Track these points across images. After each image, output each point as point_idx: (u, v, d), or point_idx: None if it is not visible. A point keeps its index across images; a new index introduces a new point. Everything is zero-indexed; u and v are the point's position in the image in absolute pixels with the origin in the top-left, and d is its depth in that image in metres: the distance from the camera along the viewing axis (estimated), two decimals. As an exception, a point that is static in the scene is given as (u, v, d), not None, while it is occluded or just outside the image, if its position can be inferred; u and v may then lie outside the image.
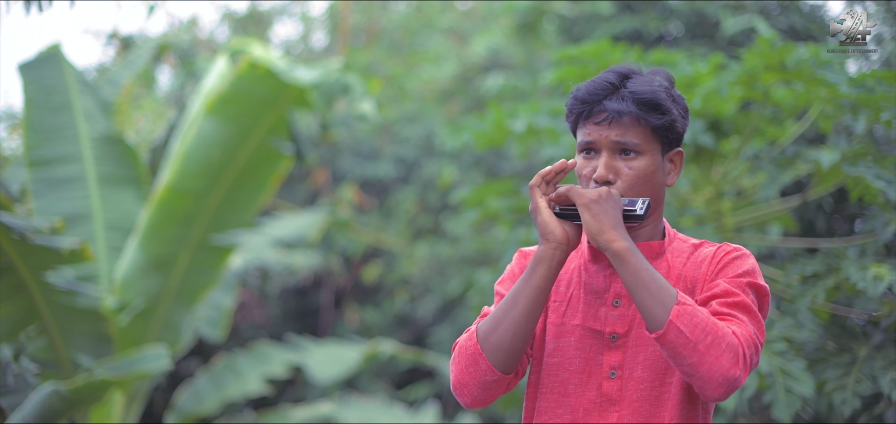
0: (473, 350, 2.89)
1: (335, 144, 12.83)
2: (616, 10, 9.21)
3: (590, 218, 2.81)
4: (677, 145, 2.99)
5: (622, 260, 2.78)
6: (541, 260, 2.86)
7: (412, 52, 14.14)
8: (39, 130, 8.49)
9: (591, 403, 2.95)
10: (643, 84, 2.92)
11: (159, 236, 8.18)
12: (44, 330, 7.25)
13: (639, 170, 2.91)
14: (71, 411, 6.92)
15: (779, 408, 4.78)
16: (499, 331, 2.86)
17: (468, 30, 14.59)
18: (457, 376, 2.92)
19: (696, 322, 2.72)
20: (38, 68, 8.68)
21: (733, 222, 5.75)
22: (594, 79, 2.96)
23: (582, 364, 2.97)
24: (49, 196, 8.36)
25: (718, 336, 2.72)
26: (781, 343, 4.92)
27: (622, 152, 2.91)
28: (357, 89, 7.91)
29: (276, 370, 9.25)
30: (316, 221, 10.31)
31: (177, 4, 18.54)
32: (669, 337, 2.72)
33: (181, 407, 8.94)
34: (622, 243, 2.78)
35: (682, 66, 5.50)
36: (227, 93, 8.18)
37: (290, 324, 12.40)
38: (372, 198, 13.15)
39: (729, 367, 2.72)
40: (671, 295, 2.75)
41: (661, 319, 2.73)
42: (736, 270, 2.91)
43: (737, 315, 2.82)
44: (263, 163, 8.43)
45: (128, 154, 8.70)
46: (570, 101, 2.98)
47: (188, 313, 8.49)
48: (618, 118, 2.89)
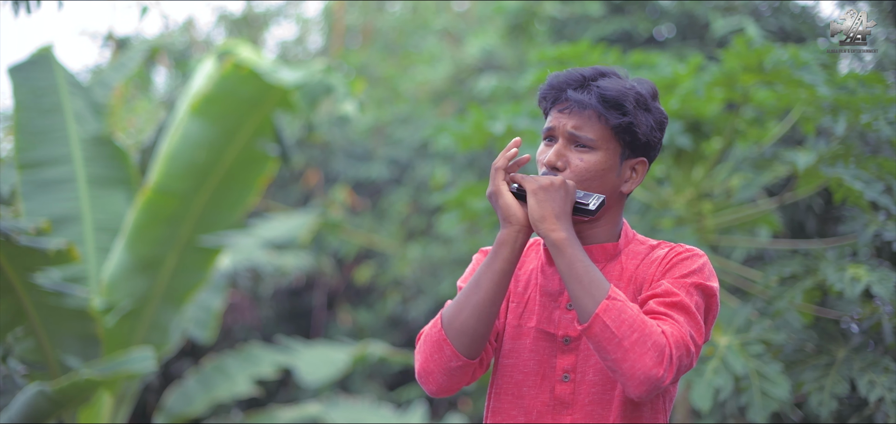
0: (438, 336, 2.89)
1: (328, 145, 12.84)
2: (606, 12, 9.22)
3: (535, 203, 2.81)
4: (642, 154, 2.97)
5: (559, 250, 2.78)
6: (503, 242, 2.86)
7: (406, 53, 14.14)
8: (30, 132, 8.50)
9: (545, 406, 2.95)
10: (613, 84, 2.92)
11: (145, 237, 8.19)
12: (31, 331, 7.25)
13: (589, 163, 2.90)
14: (57, 411, 6.93)
15: (754, 411, 4.79)
16: (463, 315, 2.86)
17: (463, 31, 14.59)
18: (422, 363, 2.92)
19: (624, 318, 2.72)
20: (29, 70, 8.68)
21: (715, 223, 5.75)
22: (570, 70, 2.97)
23: (536, 366, 2.97)
24: (39, 197, 8.37)
25: (645, 334, 2.72)
26: (759, 345, 4.92)
27: (577, 144, 2.91)
28: (340, 90, 7.91)
29: (265, 371, 9.25)
30: (306, 223, 10.31)
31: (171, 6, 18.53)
32: (595, 329, 2.73)
33: (170, 408, 8.95)
34: (561, 233, 2.79)
35: (662, 67, 5.50)
36: (212, 93, 8.18)
37: (283, 326, 12.41)
38: (365, 199, 13.15)
39: (652, 366, 2.71)
40: (603, 289, 2.75)
41: (588, 311, 2.74)
42: (682, 270, 2.90)
43: (672, 314, 2.81)
44: (249, 165, 8.42)
45: (118, 155, 8.71)
46: (543, 86, 2.99)
47: (176, 314, 8.49)
48: (579, 109, 2.89)
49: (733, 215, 5.75)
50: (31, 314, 7.10)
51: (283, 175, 12.97)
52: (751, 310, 5.11)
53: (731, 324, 5.06)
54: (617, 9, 9.20)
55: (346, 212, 12.56)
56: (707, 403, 4.82)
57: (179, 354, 11.01)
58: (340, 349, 9.79)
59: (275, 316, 12.54)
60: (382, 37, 14.89)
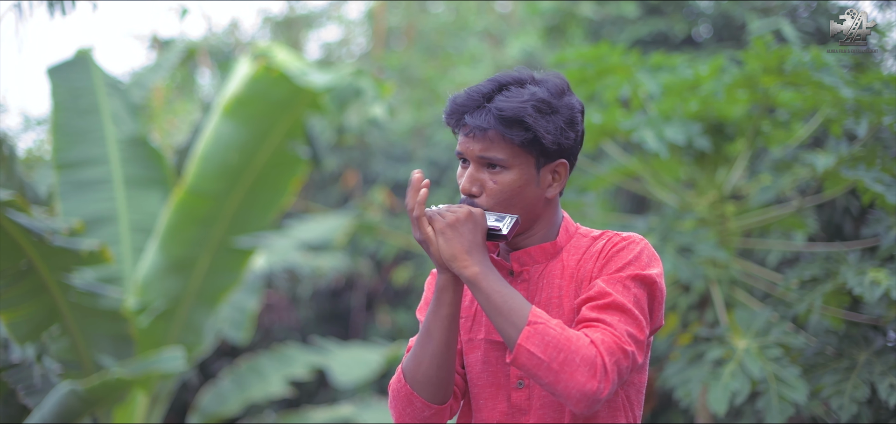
0: (405, 391, 2.89)
1: (367, 147, 12.88)
2: (642, 13, 9.19)
3: (443, 243, 2.78)
4: (559, 157, 2.91)
5: (475, 286, 2.76)
6: (444, 288, 2.84)
7: (446, 54, 14.15)
8: (67, 133, 8.60)
9: (503, 414, 2.94)
10: (511, 98, 2.84)
11: (179, 238, 8.25)
12: (66, 330, 7.33)
13: (503, 184, 2.86)
14: (90, 410, 7.00)
15: (771, 415, 4.75)
16: (423, 367, 2.86)
17: (504, 32, 14.59)
18: (397, 420, 2.93)
19: (548, 340, 2.69)
20: (67, 72, 8.79)
21: (738, 226, 5.71)
22: (469, 90, 2.90)
23: (490, 377, 2.96)
24: (76, 198, 8.46)
25: (571, 351, 2.68)
26: (777, 349, 4.89)
27: (489, 166, 2.87)
28: (369, 93, 7.93)
29: (299, 372, 9.28)
30: (342, 224, 10.34)
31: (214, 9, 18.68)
32: (521, 359, 2.70)
33: (204, 408, 9.01)
34: (473, 268, 2.76)
35: (682, 68, 5.47)
36: (243, 95, 8.23)
37: (322, 326, 12.45)
38: (403, 200, 13.16)
39: (584, 382, 2.67)
40: (523, 316, 2.72)
41: (512, 341, 2.72)
42: (617, 264, 2.85)
43: (605, 319, 2.76)
44: (281, 167, 8.46)
45: (153, 156, 8.78)
46: (444, 109, 2.94)
47: (210, 315, 8.54)
48: (481, 133, 2.84)
49: (757, 217, 5.71)
50: (66, 314, 7.17)
51: (323, 176, 13.02)
52: (770, 313, 5.06)
53: (750, 327, 5.03)
54: (653, 10, 9.16)
55: (385, 214, 12.59)
56: (723, 406, 4.79)
57: (218, 354, 11.08)
58: (375, 350, 9.81)
59: (315, 316, 12.59)
60: (424, 38, 14.91)
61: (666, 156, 5.23)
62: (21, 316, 6.97)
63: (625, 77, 5.53)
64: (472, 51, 13.72)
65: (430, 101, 13.25)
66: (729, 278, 5.58)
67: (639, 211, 8.15)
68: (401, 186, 13.04)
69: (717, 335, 5.05)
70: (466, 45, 14.27)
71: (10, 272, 6.74)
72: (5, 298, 6.86)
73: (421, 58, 14.06)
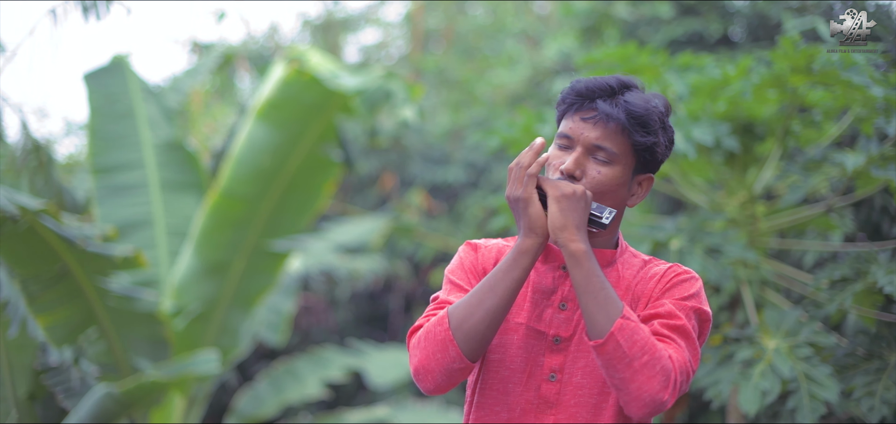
0: (444, 335, 2.83)
1: (404, 149, 12.90)
2: (677, 13, 9.16)
3: (557, 211, 2.78)
4: (652, 170, 2.97)
5: (577, 262, 2.76)
6: (525, 252, 2.82)
7: (483, 57, 14.15)
8: (104, 138, 8.67)
9: (529, 403, 2.94)
10: (639, 99, 2.90)
11: (214, 241, 8.30)
12: (103, 334, 7.39)
13: (607, 176, 2.89)
14: (126, 412, 7.05)
15: (802, 414, 4.72)
16: (473, 319, 2.81)
17: (541, 33, 14.57)
18: (421, 361, 2.86)
19: (636, 339, 2.72)
20: (103, 77, 8.87)
21: (768, 226, 5.68)
22: (595, 78, 2.94)
23: (523, 363, 2.96)
24: (113, 202, 8.53)
25: (654, 357, 2.72)
26: (807, 348, 4.85)
27: (597, 156, 2.89)
28: (399, 95, 7.95)
29: (335, 374, 9.32)
30: (378, 227, 10.36)
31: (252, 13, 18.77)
32: (608, 347, 2.72)
33: (241, 410, 9.05)
34: (580, 245, 2.77)
35: (710, 68, 5.45)
36: (275, 98, 8.27)
37: (361, 329, 12.48)
38: (441, 202, 13.18)
39: (658, 390, 2.72)
40: (617, 307, 2.74)
41: (602, 328, 2.73)
42: (682, 293, 2.90)
43: (675, 338, 2.81)
44: (314, 170, 8.49)
45: (189, 160, 8.84)
46: (567, 91, 2.95)
47: (246, 317, 8.58)
48: (605, 121, 2.87)
49: (787, 218, 5.67)
50: (102, 317, 7.23)
51: (360, 179, 13.05)
52: (800, 313, 5.03)
53: (780, 327, 4.99)
54: (688, 10, 9.13)
55: (422, 216, 12.60)
56: (753, 406, 4.76)
57: (257, 356, 11.14)
58: (410, 352, 9.81)
59: (353, 319, 12.62)
60: (462, 41, 14.91)
61: (693, 156, 5.21)
62: (58, 319, 7.03)
63: (653, 77, 5.51)
64: (510, 52, 13.71)
65: (468, 104, 13.26)
66: (759, 279, 5.55)
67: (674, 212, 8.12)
68: (438, 188, 13.05)
69: (746, 335, 5.02)
70: (504, 47, 14.26)
71: (46, 276, 6.81)
72: (42, 302, 6.93)
73: (458, 60, 14.07)
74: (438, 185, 12.93)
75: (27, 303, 6.77)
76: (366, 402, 11.24)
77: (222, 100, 14.26)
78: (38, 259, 6.72)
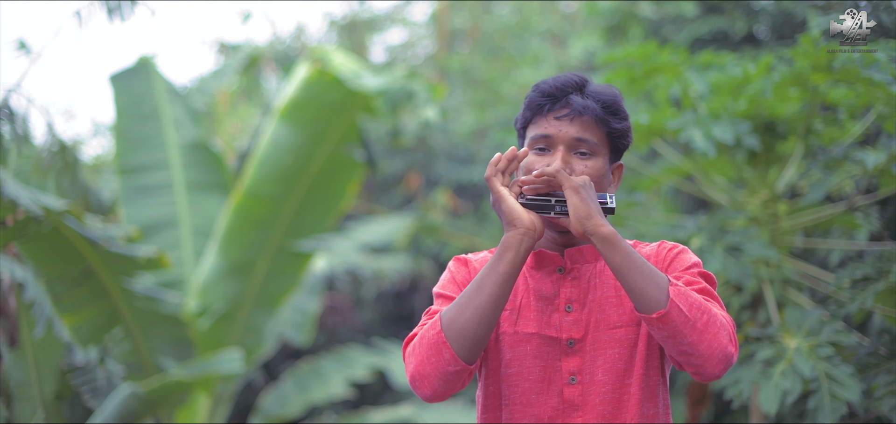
0: (436, 338, 2.80)
1: (430, 149, 12.91)
2: (701, 12, 9.13)
3: (578, 201, 2.77)
4: (619, 157, 2.99)
5: (612, 245, 2.75)
6: (508, 246, 2.80)
7: (508, 56, 14.15)
8: (129, 139, 8.72)
9: (554, 410, 2.92)
10: (605, 89, 2.93)
11: (237, 241, 8.32)
12: (128, 334, 7.43)
13: (593, 169, 2.90)
14: (151, 412, 7.09)
15: (823, 414, 4.69)
16: (464, 317, 2.79)
17: (567, 32, 14.56)
18: (416, 367, 2.83)
19: (692, 301, 2.72)
20: (129, 79, 8.92)
21: (790, 225, 5.65)
22: (557, 77, 2.94)
23: (541, 372, 2.94)
24: (138, 202, 8.57)
25: (712, 314, 2.73)
26: (828, 347, 4.83)
27: (578, 150, 2.90)
28: (421, 95, 7.96)
29: (360, 373, 9.33)
30: (402, 226, 10.37)
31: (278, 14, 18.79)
32: (672, 315, 2.70)
33: (266, 410, 9.08)
34: (609, 228, 2.76)
35: (731, 67, 5.43)
36: (298, 99, 8.29)
37: (388, 328, 12.51)
38: (466, 202, 13.18)
39: (726, 344, 2.73)
40: (663, 276, 2.74)
41: (659, 299, 2.71)
42: (685, 263, 2.92)
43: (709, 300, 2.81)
44: (337, 170, 8.51)
45: (214, 160, 8.88)
46: (532, 95, 2.94)
47: (270, 317, 8.61)
48: (581, 114, 2.88)
49: (809, 216, 5.64)
50: (127, 317, 7.27)
51: (386, 179, 13.08)
52: (821, 313, 5.00)
53: (801, 327, 4.97)
54: (713, 8, 9.10)
55: (448, 215, 12.61)
56: (774, 406, 4.74)
57: (283, 355, 11.17)
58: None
59: (379, 318, 12.64)
60: (488, 40, 14.91)
61: (713, 155, 5.19)
62: (83, 319, 7.08)
63: (673, 76, 5.50)
64: (535, 52, 13.70)
65: (493, 103, 13.26)
66: (781, 278, 5.52)
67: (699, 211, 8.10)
68: (463, 188, 13.06)
69: (767, 334, 5.00)
70: (529, 47, 14.25)
71: (71, 276, 6.85)
72: (68, 302, 6.98)
73: (484, 59, 14.07)
74: (464, 185, 12.94)
75: (53, 303, 6.82)
76: (390, 402, 11.26)
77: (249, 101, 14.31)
78: (63, 259, 6.76)
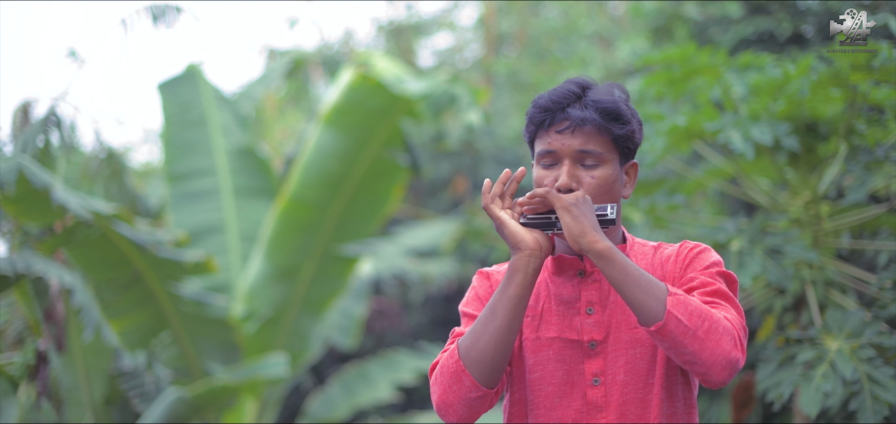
0: (455, 367, 2.85)
1: (477, 152, 12.92)
2: (746, 12, 9.08)
3: (571, 220, 2.78)
4: (632, 157, 2.98)
5: (608, 260, 2.76)
6: (516, 269, 2.82)
7: (555, 59, 14.14)
8: (177, 145, 8.81)
9: (578, 412, 2.94)
10: (603, 94, 2.91)
11: (283, 246, 8.38)
12: (176, 338, 7.51)
13: (601, 179, 2.89)
14: (198, 415, 7.16)
15: (865, 415, 4.66)
16: (480, 345, 2.83)
17: (614, 34, 14.53)
18: (440, 396, 2.88)
19: (691, 309, 2.72)
20: (177, 86, 9.02)
21: (833, 226, 5.62)
22: (555, 89, 2.94)
23: (564, 375, 2.96)
24: (186, 208, 8.66)
25: (714, 321, 2.73)
26: (869, 349, 4.80)
27: (584, 162, 2.89)
28: (464, 99, 7.98)
29: (407, 377, 9.37)
30: (448, 230, 10.40)
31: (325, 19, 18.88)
32: (669, 327, 2.71)
33: (314, 413, 9.13)
34: (605, 243, 2.76)
35: (770, 68, 5.40)
36: (342, 104, 8.33)
37: (436, 332, 12.52)
38: (511, 204, 13.17)
39: (730, 350, 2.73)
40: (662, 287, 2.74)
41: (657, 311, 2.72)
42: (704, 263, 2.91)
43: (719, 302, 2.82)
44: (381, 174, 8.55)
45: (261, 166, 8.95)
46: (531, 111, 2.94)
47: (316, 321, 8.66)
48: (581, 126, 2.87)
49: (853, 217, 5.60)
50: (174, 322, 7.35)
51: (433, 183, 13.10)
52: (863, 314, 4.97)
53: (843, 329, 4.94)
54: (758, 9, 9.04)
55: (494, 219, 12.61)
56: (815, 408, 4.71)
57: (332, 359, 11.22)
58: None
59: (428, 322, 12.67)
60: (535, 43, 14.91)
61: (751, 156, 5.17)
62: (131, 324, 7.17)
63: (713, 78, 5.48)
64: (582, 54, 13.68)
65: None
66: (824, 279, 5.49)
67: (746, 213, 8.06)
68: (510, 192, 13.05)
69: (808, 336, 4.97)
70: (576, 49, 14.24)
71: (119, 281, 6.94)
72: (115, 307, 7.07)
73: (531, 63, 14.07)
74: (510, 188, 12.93)
75: (101, 308, 6.91)
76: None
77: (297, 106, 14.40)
78: (111, 264, 6.85)
